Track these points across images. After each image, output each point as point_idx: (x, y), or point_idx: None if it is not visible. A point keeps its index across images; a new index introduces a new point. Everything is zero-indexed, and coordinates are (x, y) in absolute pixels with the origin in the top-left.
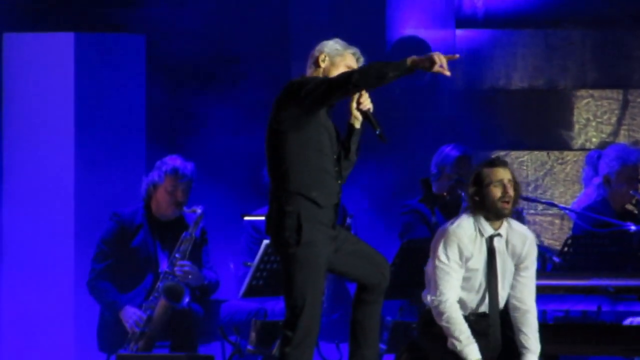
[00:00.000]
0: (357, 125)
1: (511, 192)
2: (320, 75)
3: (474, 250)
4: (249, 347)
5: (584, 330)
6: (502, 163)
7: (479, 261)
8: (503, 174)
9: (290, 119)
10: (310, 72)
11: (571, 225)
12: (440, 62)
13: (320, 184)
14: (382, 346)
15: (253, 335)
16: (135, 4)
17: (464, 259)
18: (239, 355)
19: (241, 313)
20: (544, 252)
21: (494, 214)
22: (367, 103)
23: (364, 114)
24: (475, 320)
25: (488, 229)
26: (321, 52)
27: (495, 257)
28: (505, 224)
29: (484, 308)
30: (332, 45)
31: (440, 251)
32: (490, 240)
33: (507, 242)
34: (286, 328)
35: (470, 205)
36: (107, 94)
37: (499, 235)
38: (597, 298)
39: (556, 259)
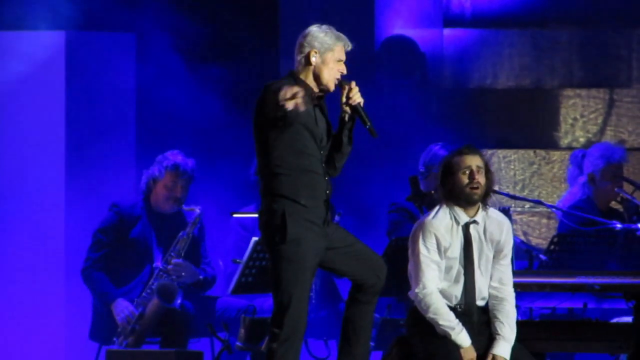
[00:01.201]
0: (347, 118)
1: (479, 177)
2: (311, 73)
3: (452, 239)
4: (238, 344)
5: (571, 327)
6: (471, 150)
7: (456, 249)
8: (471, 161)
9: (266, 125)
10: (300, 68)
11: (557, 223)
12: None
13: (305, 185)
14: (370, 343)
15: (242, 331)
16: (126, 2)
17: (442, 249)
18: (228, 351)
19: (230, 310)
20: (530, 250)
21: (464, 201)
22: (356, 98)
23: (354, 108)
24: (462, 312)
25: (463, 217)
26: (312, 48)
27: (471, 244)
28: (482, 211)
29: (464, 298)
30: (322, 39)
31: (420, 243)
32: (466, 228)
33: (484, 229)
34: (273, 324)
35: (441, 195)
36: (97, 92)
37: (474, 222)
38: (583, 296)
39: (542, 257)
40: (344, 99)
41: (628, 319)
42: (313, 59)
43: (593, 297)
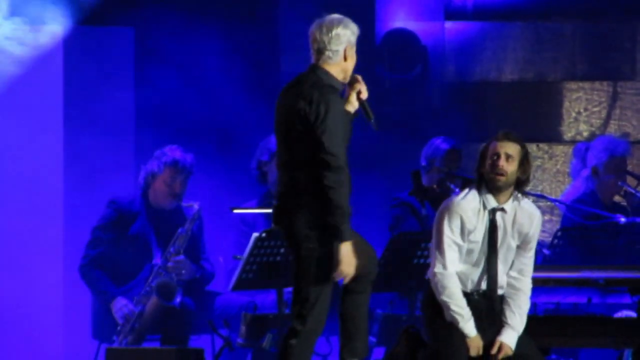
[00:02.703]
0: (352, 110)
1: (505, 164)
2: (340, 69)
3: (477, 223)
4: (239, 340)
5: (575, 322)
6: (504, 137)
7: (480, 233)
8: (500, 148)
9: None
10: (330, 62)
11: (561, 217)
12: None
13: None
14: (373, 339)
15: (243, 328)
16: None
17: (466, 232)
18: (229, 348)
19: (231, 307)
20: None
21: (491, 186)
22: (365, 93)
23: (361, 102)
24: (478, 300)
25: (492, 202)
26: (348, 44)
27: (496, 231)
28: (513, 201)
29: (485, 285)
30: (352, 33)
31: (445, 224)
32: (492, 214)
33: (514, 220)
34: (297, 320)
35: (476, 177)
36: (95, 86)
37: (502, 210)
38: (587, 290)
39: (546, 252)
40: (354, 95)
41: (632, 314)
42: (348, 57)
43: (597, 292)
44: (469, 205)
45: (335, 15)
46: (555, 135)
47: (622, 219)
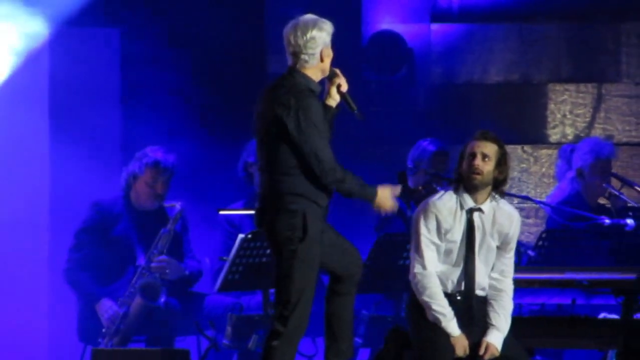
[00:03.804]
0: (333, 104)
1: (481, 164)
2: (319, 69)
3: (454, 223)
4: (225, 342)
5: (559, 323)
6: (482, 136)
7: (458, 233)
8: (476, 147)
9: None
10: (306, 65)
11: (546, 219)
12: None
13: (322, 186)
14: (358, 340)
15: (229, 329)
16: None
17: (442, 231)
18: (214, 349)
19: (217, 307)
20: (518, 246)
21: (467, 186)
22: (345, 85)
23: (342, 95)
24: (461, 301)
25: (469, 202)
26: (324, 46)
27: (474, 231)
28: (491, 201)
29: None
30: (326, 33)
31: (421, 223)
32: (470, 213)
33: (493, 220)
34: (278, 322)
35: (454, 178)
36: (81, 88)
37: (479, 210)
38: (571, 291)
39: (531, 253)
40: (334, 89)
41: (616, 315)
42: (325, 57)
43: (582, 293)
44: (445, 205)
45: (309, 17)
46: (540, 138)
47: (607, 221)
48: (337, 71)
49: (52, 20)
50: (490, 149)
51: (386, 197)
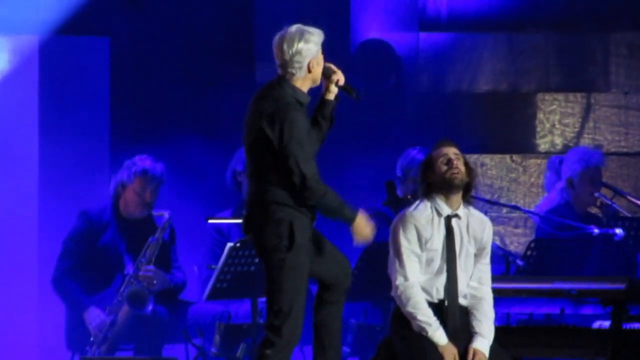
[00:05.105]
0: (332, 97)
1: (458, 163)
2: (309, 79)
3: (433, 231)
4: (213, 350)
5: (548, 333)
6: (448, 142)
7: (438, 241)
8: (447, 150)
9: (281, 138)
10: (296, 76)
11: (534, 228)
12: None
13: None
14: (346, 349)
15: (217, 337)
16: (99, 7)
17: (423, 241)
18: (203, 357)
19: (205, 316)
20: (507, 255)
21: (446, 189)
22: (342, 79)
23: (341, 87)
24: (446, 309)
25: (445, 209)
26: (312, 57)
27: (453, 237)
28: (464, 208)
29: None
30: (312, 50)
31: (400, 235)
32: (448, 220)
33: (467, 226)
34: (271, 332)
35: (423, 190)
36: (71, 96)
37: (456, 216)
38: (560, 301)
39: (520, 262)
40: (332, 85)
41: (605, 324)
42: (313, 68)
43: (570, 303)
44: (422, 215)
45: (296, 29)
46: (529, 147)
47: (596, 230)
48: (333, 67)
49: (42, 28)
50: (457, 151)
51: (365, 224)
